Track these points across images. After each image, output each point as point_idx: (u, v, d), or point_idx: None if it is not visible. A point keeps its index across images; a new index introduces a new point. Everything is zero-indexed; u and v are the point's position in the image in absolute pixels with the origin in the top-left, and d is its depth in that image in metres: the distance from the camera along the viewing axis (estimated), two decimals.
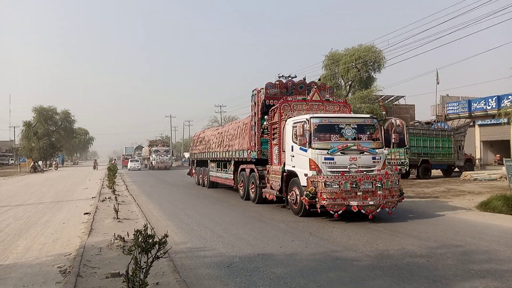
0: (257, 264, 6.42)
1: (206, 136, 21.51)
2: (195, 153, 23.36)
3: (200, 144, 22.28)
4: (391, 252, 7.06)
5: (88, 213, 12.04)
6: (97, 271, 6.15)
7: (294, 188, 10.88)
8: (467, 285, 5.32)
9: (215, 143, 19.23)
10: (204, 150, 21.30)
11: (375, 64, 35.52)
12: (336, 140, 10.31)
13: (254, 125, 13.90)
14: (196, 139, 24.15)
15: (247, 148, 14.42)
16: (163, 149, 51.91)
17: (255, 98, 14.16)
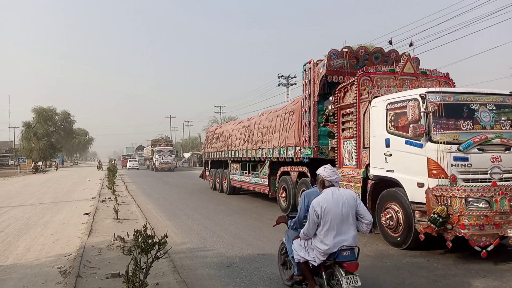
0: (257, 264, 6.42)
1: (225, 132, 17.81)
2: (210, 152, 19.82)
3: (217, 141, 18.64)
4: (390, 252, 7.06)
5: (88, 214, 12.03)
6: (97, 271, 6.15)
7: (391, 204, 7.39)
8: (468, 285, 5.32)
9: (240, 140, 15.67)
10: (222, 148, 17.75)
11: None
12: (468, 128, 6.83)
13: (308, 112, 10.17)
14: (210, 135, 20.23)
15: (295, 143, 10.93)
16: (166, 148, 47.64)
17: (309, 74, 10.34)
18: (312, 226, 4.31)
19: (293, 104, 11.70)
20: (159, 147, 48.39)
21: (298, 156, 10.81)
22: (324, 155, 9.88)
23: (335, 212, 4.22)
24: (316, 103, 10.06)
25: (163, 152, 46.12)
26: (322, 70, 9.85)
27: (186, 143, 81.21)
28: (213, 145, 19.18)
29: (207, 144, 20.75)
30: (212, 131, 20.52)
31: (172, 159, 46.65)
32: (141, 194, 19.01)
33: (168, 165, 45.48)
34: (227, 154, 17.21)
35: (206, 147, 20.96)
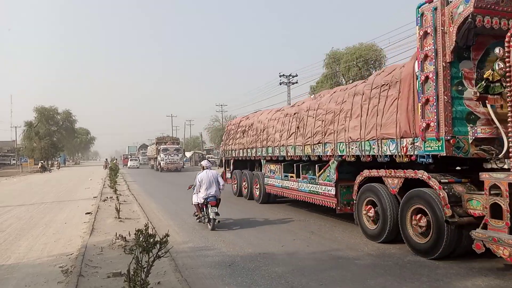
0: (259, 263, 6.42)
1: (256, 123, 14.25)
2: (233, 149, 16.39)
3: (244, 136, 15.18)
4: (392, 250, 7.05)
5: (90, 213, 12.05)
6: (98, 270, 6.16)
7: None
8: (469, 283, 5.31)
9: (282, 132, 11.85)
10: (252, 144, 14.19)
11: (376, 62, 35.48)
12: None
13: (435, 79, 6.35)
14: (233, 129, 16.93)
15: (401, 134, 7.08)
16: (173, 147, 43.04)
17: (433, 18, 6.42)
18: (198, 186, 9.51)
19: (388, 74, 7.82)
20: (164, 146, 43.64)
21: (408, 153, 6.98)
22: (463, 152, 6.26)
23: (206, 180, 9.37)
24: (449, 65, 6.31)
25: (169, 151, 41.66)
26: (465, 8, 6.02)
27: (187, 143, 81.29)
28: (238, 141, 15.77)
29: (228, 140, 17.14)
30: (235, 123, 17.01)
31: (179, 158, 42.19)
32: (143, 193, 19.02)
33: (175, 165, 41.22)
34: (260, 151, 13.60)
35: (226, 143, 17.29)
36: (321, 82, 37.52)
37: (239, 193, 15.72)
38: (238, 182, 15.85)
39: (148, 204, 14.71)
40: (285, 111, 12.51)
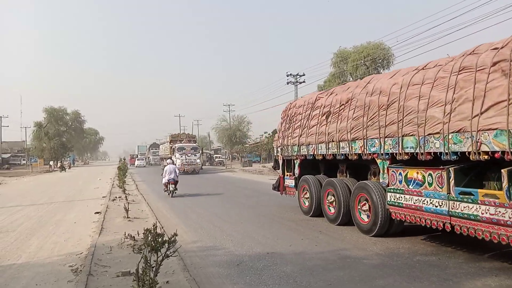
0: (267, 263, 6.42)
1: (362, 97, 8.58)
2: (302, 144, 10.93)
3: (327, 122, 9.78)
4: (401, 250, 7.02)
5: (99, 213, 12.14)
6: (108, 269, 6.21)
7: None
8: (479, 283, 5.26)
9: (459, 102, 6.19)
10: (351, 133, 8.78)
11: (384, 61, 35.28)
12: None
13: None
14: (300, 112, 11.37)
15: None
16: (189, 145, 37.48)
17: None
18: (165, 173, 16.83)
19: None
20: (180, 144, 37.77)
21: None
22: None
23: (169, 170, 16.67)
24: None
25: (186, 150, 36.15)
26: None
27: None
28: (314, 130, 10.29)
29: (289, 130, 11.85)
30: (305, 104, 11.17)
31: (197, 158, 36.46)
32: (152, 193, 19.10)
33: (192, 166, 35.70)
34: (375, 145, 8.07)
35: (287, 136, 11.95)
36: (328, 81, 37.38)
37: (315, 211, 10.47)
38: (314, 196, 10.45)
39: (156, 203, 14.77)
40: (457, 63, 6.48)
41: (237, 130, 68.34)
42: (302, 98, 12.54)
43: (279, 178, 13.01)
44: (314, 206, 10.54)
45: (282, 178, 12.79)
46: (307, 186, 10.94)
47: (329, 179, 10.14)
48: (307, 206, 10.96)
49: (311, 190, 10.62)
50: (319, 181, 10.60)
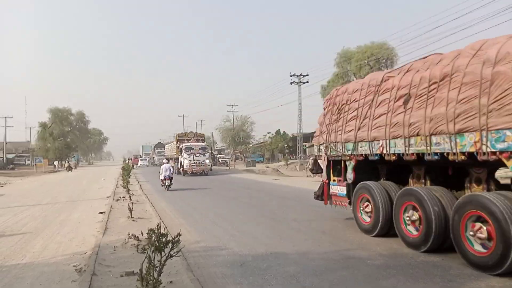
0: (270, 263, 6.43)
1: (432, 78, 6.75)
2: (359, 139, 8.53)
3: (413, 108, 7.08)
4: (405, 251, 7.00)
5: (103, 213, 12.19)
6: (112, 269, 6.23)
7: None
8: (483, 284, 5.25)
9: None
10: (433, 128, 6.58)
11: (388, 61, 35.26)
12: None
13: None
14: (355, 99, 8.90)
15: None
16: (198, 145, 34.69)
17: None
18: (161, 171, 20.59)
19: None
20: (187, 144, 34.95)
21: None
22: None
23: (164, 168, 20.35)
24: None
25: (194, 150, 33.43)
26: None
27: None
28: (377, 122, 7.95)
29: (336, 123, 9.42)
30: (360, 89, 8.75)
31: (206, 158, 33.65)
32: (156, 193, 19.15)
33: (201, 168, 33.16)
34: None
35: (333, 130, 9.49)
36: (332, 81, 37.37)
37: (381, 229, 7.92)
38: (381, 209, 7.83)
39: (160, 203, 14.81)
40: None
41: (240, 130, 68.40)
42: (357, 81, 9.54)
43: (322, 185, 10.22)
44: (380, 223, 7.84)
45: (326, 184, 10.02)
46: (368, 195, 8.23)
47: (408, 188, 7.62)
48: (368, 222, 8.26)
49: (376, 201, 7.94)
50: (386, 190, 7.98)
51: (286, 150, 59.13)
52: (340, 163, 9.58)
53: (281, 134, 61.14)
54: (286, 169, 42.95)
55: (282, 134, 60.93)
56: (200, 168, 32.95)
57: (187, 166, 32.52)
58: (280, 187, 21.41)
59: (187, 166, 32.47)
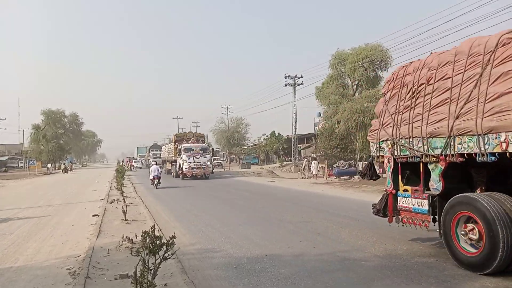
0: (265, 265, 6.42)
1: None
2: (450, 134, 6.07)
3: None
4: (399, 252, 7.02)
5: (97, 215, 12.12)
6: (105, 272, 6.19)
7: None
8: (477, 284, 5.27)
9: None
10: None
11: (382, 63, 35.31)
12: None
13: None
14: (430, 77, 6.70)
15: None
16: (198, 146, 32.24)
17: None
18: (150, 172, 23.81)
19: None
20: (187, 144, 32.37)
21: None
22: None
23: (153, 169, 23.50)
24: None
25: (194, 151, 30.98)
26: None
27: None
28: (496, 105, 5.40)
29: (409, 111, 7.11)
30: (453, 61, 6.33)
31: (207, 160, 31.15)
32: (149, 195, 19.07)
33: (202, 170, 30.46)
34: None
35: (403, 120, 7.26)
36: (326, 83, 37.43)
37: (497, 265, 5.37)
38: (501, 237, 5.25)
39: (155, 206, 14.75)
40: None
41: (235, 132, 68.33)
42: (445, 52, 6.78)
43: (386, 196, 7.81)
44: (500, 255, 5.27)
45: (392, 196, 7.64)
46: (475, 214, 5.67)
47: None
48: (475, 253, 5.73)
49: (491, 223, 5.37)
50: (502, 206, 5.41)
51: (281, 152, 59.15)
52: (414, 167, 7.18)
53: (276, 135, 61.17)
54: (281, 171, 42.97)
55: (277, 136, 60.95)
56: (201, 170, 30.39)
57: (186, 169, 29.91)
58: (275, 188, 21.41)
59: (187, 169, 29.88)
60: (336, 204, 13.91)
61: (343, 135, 31.71)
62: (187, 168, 29.97)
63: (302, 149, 54.80)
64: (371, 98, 32.73)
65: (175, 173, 33.83)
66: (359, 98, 34.00)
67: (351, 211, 12.02)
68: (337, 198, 15.92)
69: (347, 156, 30.86)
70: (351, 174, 26.99)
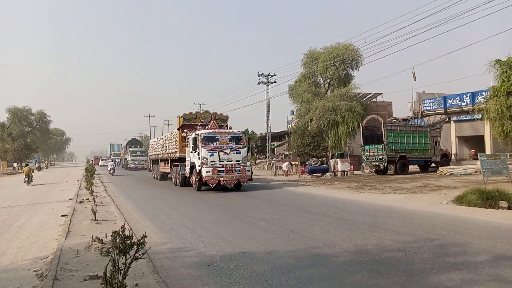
0: (238, 263, 6.42)
1: None
2: None
3: None
4: (369, 247, 7.16)
5: (66, 215, 11.82)
6: (74, 273, 6.05)
7: None
8: (444, 277, 5.44)
9: None
10: None
11: (353, 62, 35.88)
12: None
13: None
14: None
15: None
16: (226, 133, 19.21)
17: None
18: (108, 166, 42.15)
19: None
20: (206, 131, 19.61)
21: None
22: None
23: (110, 164, 41.35)
24: None
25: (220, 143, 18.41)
26: None
27: None
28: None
29: None
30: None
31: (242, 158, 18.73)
32: (120, 194, 18.74)
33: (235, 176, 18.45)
34: None
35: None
36: (299, 81, 37.73)
37: None
38: None
39: (126, 205, 14.51)
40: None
41: None
42: None
43: None
44: None
45: None
46: None
47: None
48: None
49: None
50: None
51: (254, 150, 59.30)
52: None
53: (249, 133, 61.27)
54: (255, 169, 42.91)
55: (250, 134, 61.07)
56: (233, 176, 18.31)
57: (208, 173, 17.92)
58: (248, 186, 21.44)
59: (209, 173, 17.92)
60: (308, 201, 14.07)
61: (316, 132, 32.07)
62: (210, 172, 17.93)
63: (275, 146, 55.09)
64: (343, 96, 33.25)
65: (180, 179, 21.65)
66: (331, 96, 34.46)
67: (323, 207, 12.19)
68: (309, 195, 16.11)
69: (319, 154, 31.23)
70: (323, 171, 27.37)
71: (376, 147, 26.03)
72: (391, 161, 25.54)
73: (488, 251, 6.71)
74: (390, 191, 16.37)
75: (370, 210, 11.59)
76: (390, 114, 35.97)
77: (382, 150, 25.40)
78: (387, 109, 36.87)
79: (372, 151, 26.48)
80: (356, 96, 34.67)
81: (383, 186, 18.42)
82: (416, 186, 17.73)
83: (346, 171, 27.34)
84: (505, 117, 14.24)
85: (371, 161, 26.95)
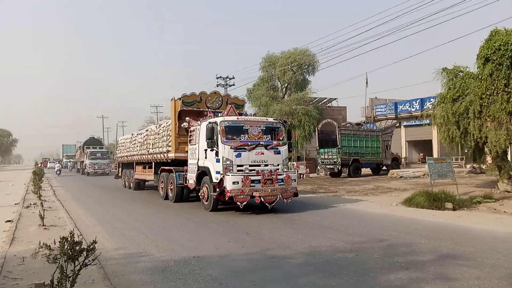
0: (192, 267, 6.35)
1: None
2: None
3: None
4: (323, 248, 7.32)
5: (11, 221, 11.21)
6: (19, 282, 5.75)
7: None
8: (392, 276, 5.65)
9: None
10: None
11: (310, 67, 36.58)
12: None
13: None
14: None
15: None
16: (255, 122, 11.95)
17: None
18: (55, 167, 42.43)
19: None
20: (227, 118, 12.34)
21: None
22: None
23: (56, 166, 43.00)
24: None
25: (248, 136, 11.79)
26: None
27: None
28: None
29: None
30: None
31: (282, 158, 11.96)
32: (70, 199, 18.02)
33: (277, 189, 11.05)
34: None
35: None
36: (257, 85, 37.97)
37: None
38: None
39: (76, 210, 13.97)
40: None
41: None
42: None
43: None
44: None
45: None
46: None
47: None
48: None
49: None
50: None
51: None
52: None
53: None
54: None
55: None
56: (274, 189, 11.72)
57: (236, 184, 11.30)
58: None
59: (237, 184, 11.30)
60: None
61: None
62: (239, 183, 11.35)
63: None
64: (299, 100, 33.82)
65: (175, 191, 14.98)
66: (288, 100, 34.94)
67: (280, 209, 12.30)
68: None
69: None
70: None
71: (331, 151, 26.68)
72: (345, 164, 26.24)
73: (434, 250, 7.06)
74: (343, 193, 16.82)
75: (324, 212, 11.85)
76: (345, 119, 36.97)
77: (336, 153, 26.07)
78: (342, 114, 37.87)
79: (327, 154, 27.10)
80: (313, 101, 35.38)
81: (337, 189, 18.89)
82: (368, 189, 18.33)
83: (302, 174, 27.80)
84: (450, 122, 15.02)
85: (326, 164, 27.57)
